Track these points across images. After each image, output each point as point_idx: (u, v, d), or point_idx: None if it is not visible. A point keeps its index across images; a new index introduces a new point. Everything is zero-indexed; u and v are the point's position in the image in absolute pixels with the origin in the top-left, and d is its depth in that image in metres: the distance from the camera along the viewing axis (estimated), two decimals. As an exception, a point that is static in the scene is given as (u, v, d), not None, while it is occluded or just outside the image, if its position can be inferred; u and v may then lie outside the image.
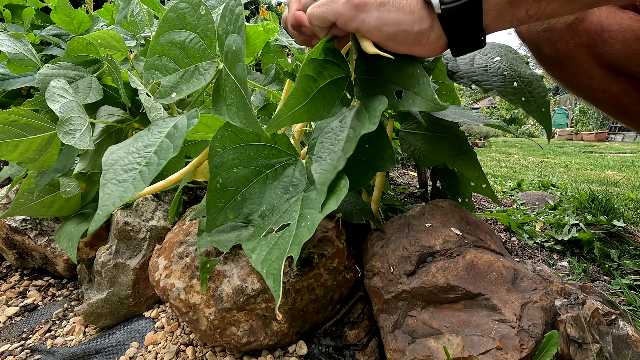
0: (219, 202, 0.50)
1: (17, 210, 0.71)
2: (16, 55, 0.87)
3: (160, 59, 0.55)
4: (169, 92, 0.54)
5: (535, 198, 1.31)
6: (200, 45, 0.53)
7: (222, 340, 0.53)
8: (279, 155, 0.53)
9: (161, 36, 0.54)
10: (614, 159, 3.69)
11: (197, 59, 0.54)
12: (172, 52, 0.54)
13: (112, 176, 0.43)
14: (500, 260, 0.50)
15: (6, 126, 0.59)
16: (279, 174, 0.52)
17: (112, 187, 0.42)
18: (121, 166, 0.45)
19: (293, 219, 0.42)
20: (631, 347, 0.46)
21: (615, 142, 7.48)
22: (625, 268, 0.77)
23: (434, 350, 0.45)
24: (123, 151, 0.47)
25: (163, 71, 0.55)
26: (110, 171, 0.44)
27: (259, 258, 0.40)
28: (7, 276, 0.85)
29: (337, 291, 0.57)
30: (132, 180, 0.43)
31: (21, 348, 0.62)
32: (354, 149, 0.41)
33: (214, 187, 0.49)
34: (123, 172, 0.44)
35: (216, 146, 0.49)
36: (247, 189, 0.51)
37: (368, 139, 0.45)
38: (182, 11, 0.53)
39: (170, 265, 0.55)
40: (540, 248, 0.89)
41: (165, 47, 0.54)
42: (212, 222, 0.50)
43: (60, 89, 0.60)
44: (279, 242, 0.40)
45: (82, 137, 0.58)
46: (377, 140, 0.49)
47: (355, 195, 0.61)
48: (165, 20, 0.54)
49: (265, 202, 0.51)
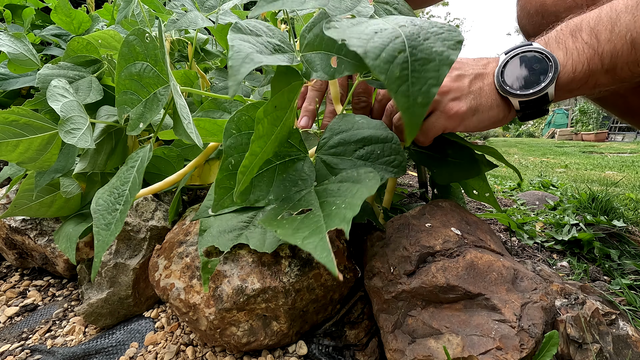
0: (228, 183, 0.50)
1: (17, 211, 0.71)
2: (17, 56, 0.87)
3: (126, 94, 0.57)
4: (137, 124, 0.57)
5: (535, 198, 1.31)
6: (153, 72, 0.54)
7: (222, 340, 0.53)
8: (290, 149, 0.54)
9: (121, 72, 0.56)
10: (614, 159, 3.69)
11: (153, 86, 0.55)
12: (133, 85, 0.56)
13: (100, 222, 0.48)
14: (500, 260, 0.50)
15: (6, 126, 0.59)
16: (288, 167, 0.53)
17: (103, 233, 0.48)
18: (106, 210, 0.49)
19: (313, 206, 0.42)
20: (631, 347, 0.46)
21: (615, 142, 7.48)
22: (625, 268, 0.77)
23: (434, 350, 0.45)
24: (107, 194, 0.51)
25: (130, 104, 0.58)
26: (99, 217, 0.49)
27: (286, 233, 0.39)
28: (7, 276, 0.85)
29: (337, 291, 0.57)
30: (115, 222, 0.48)
31: (21, 348, 0.62)
32: None
33: (226, 167, 0.49)
34: (108, 214, 0.49)
35: (232, 127, 0.49)
36: (256, 176, 0.52)
37: None
38: (131, 43, 0.55)
39: (170, 265, 0.55)
40: (540, 248, 0.89)
41: (127, 82, 0.57)
42: (219, 203, 0.51)
43: (61, 89, 0.60)
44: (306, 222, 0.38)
45: (83, 137, 0.58)
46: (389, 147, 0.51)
47: None
48: (120, 55, 0.56)
49: (273, 192, 0.52)
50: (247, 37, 0.40)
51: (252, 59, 0.35)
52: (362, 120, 0.53)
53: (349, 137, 0.52)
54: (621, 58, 0.44)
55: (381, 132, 0.51)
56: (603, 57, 0.45)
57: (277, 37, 0.44)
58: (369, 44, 0.31)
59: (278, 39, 0.44)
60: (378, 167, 0.49)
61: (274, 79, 0.40)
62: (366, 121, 0.53)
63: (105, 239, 0.47)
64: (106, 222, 0.48)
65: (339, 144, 0.52)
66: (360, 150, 0.51)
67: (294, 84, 0.42)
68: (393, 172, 0.49)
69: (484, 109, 0.51)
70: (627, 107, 0.72)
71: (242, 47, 0.36)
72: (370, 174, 0.42)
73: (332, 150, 0.53)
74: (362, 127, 0.52)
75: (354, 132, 0.52)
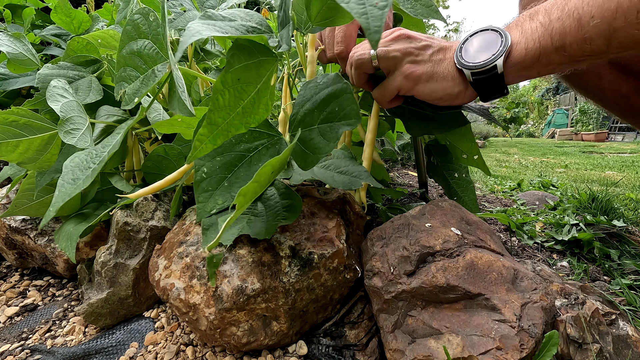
0: (206, 189, 0.51)
1: (17, 210, 0.71)
2: (16, 55, 0.86)
3: (125, 70, 0.59)
4: (132, 98, 0.58)
5: (535, 198, 1.31)
6: (153, 50, 0.56)
7: (222, 340, 0.53)
8: (260, 137, 0.54)
9: (123, 49, 0.58)
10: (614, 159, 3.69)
11: (152, 62, 0.56)
12: (133, 61, 0.58)
13: (68, 177, 0.49)
14: (500, 260, 0.50)
15: (6, 126, 0.59)
16: (262, 154, 0.54)
17: (67, 186, 0.48)
18: (78, 166, 0.50)
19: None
20: (631, 347, 0.46)
21: (615, 142, 7.48)
22: (625, 268, 0.77)
23: (434, 350, 0.45)
24: (84, 154, 0.52)
25: (128, 81, 0.59)
26: (68, 172, 0.50)
27: (224, 220, 0.41)
28: (7, 276, 0.85)
29: (337, 291, 0.57)
30: (85, 178, 0.48)
31: (21, 348, 0.62)
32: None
33: (200, 177, 0.51)
34: (79, 170, 0.50)
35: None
36: (232, 174, 0.53)
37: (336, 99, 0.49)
38: (136, 22, 0.57)
39: (170, 265, 0.55)
40: (540, 248, 0.89)
41: (127, 58, 0.58)
42: (202, 209, 0.52)
43: (60, 89, 0.60)
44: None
45: (82, 137, 0.58)
46: (344, 100, 0.50)
47: (350, 162, 0.59)
48: (124, 32, 0.57)
49: None
50: (213, 22, 0.41)
51: (200, 33, 0.37)
52: (321, 81, 0.52)
53: (313, 104, 0.51)
54: (569, 35, 0.46)
55: (336, 85, 0.50)
56: (553, 35, 0.47)
57: (254, 21, 0.45)
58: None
59: (255, 22, 0.45)
60: (336, 124, 0.49)
61: (230, 50, 0.41)
62: (326, 79, 0.52)
63: (68, 191, 0.47)
64: (74, 177, 0.49)
65: (306, 115, 0.51)
66: (323, 113, 0.50)
67: (261, 59, 0.42)
68: (350, 124, 0.48)
69: (438, 78, 0.55)
70: (629, 107, 0.72)
71: (196, 27, 0.38)
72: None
73: (301, 125, 0.52)
74: (322, 88, 0.51)
75: (316, 97, 0.51)
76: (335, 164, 0.59)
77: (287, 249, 0.54)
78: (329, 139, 0.48)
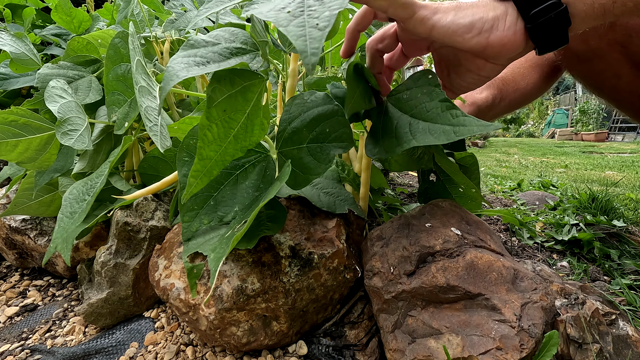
0: (192, 208, 0.51)
1: (17, 209, 0.71)
2: (18, 55, 0.87)
3: (113, 95, 0.60)
4: (123, 123, 0.59)
5: (535, 198, 1.31)
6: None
7: (222, 340, 0.53)
8: (248, 155, 0.53)
9: (109, 73, 0.59)
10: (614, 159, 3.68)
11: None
12: (119, 86, 0.59)
13: (67, 210, 0.49)
14: (500, 260, 0.50)
15: (5, 126, 0.59)
16: (249, 172, 0.53)
17: (65, 220, 0.49)
18: (75, 199, 0.51)
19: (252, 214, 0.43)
20: (631, 347, 0.46)
21: (615, 142, 7.48)
22: (625, 268, 0.77)
23: (434, 350, 0.45)
24: (81, 184, 0.53)
25: (117, 105, 0.60)
26: (67, 205, 0.50)
27: (216, 257, 0.41)
28: (7, 276, 0.85)
29: (337, 291, 0.57)
30: (80, 211, 0.49)
31: (21, 348, 0.62)
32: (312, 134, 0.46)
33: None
34: (76, 203, 0.50)
35: (183, 156, 0.50)
36: (219, 192, 0.52)
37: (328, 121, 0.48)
38: (116, 46, 0.57)
39: (170, 265, 0.55)
40: (540, 248, 0.89)
41: (113, 83, 0.59)
42: (188, 229, 0.51)
43: (59, 89, 0.60)
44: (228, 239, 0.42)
45: (80, 138, 0.58)
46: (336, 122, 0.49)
47: (337, 185, 0.61)
48: (107, 57, 0.58)
49: (238, 203, 0.51)
50: (195, 51, 0.40)
51: (178, 75, 0.36)
52: (309, 99, 0.51)
53: (301, 122, 0.50)
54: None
55: (327, 106, 0.49)
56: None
57: (239, 41, 0.44)
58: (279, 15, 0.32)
59: (240, 42, 0.44)
60: (327, 146, 0.48)
61: (210, 85, 0.39)
62: (314, 98, 0.50)
63: (66, 226, 0.48)
64: (72, 210, 0.49)
65: (294, 133, 0.50)
66: (313, 132, 0.49)
67: (245, 84, 0.41)
68: (342, 147, 0.48)
69: (465, 6, 0.41)
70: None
71: (175, 66, 0.37)
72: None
73: (288, 143, 0.51)
74: (311, 107, 0.50)
75: (305, 115, 0.50)
76: (323, 184, 0.60)
77: (287, 249, 0.54)
78: (320, 160, 0.47)
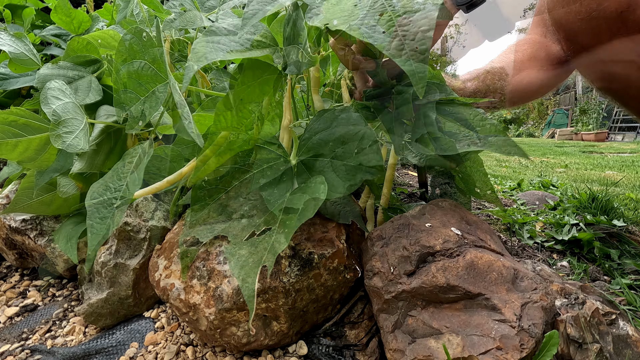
0: (203, 199, 0.51)
1: (17, 208, 0.71)
2: (18, 55, 0.87)
3: (125, 92, 0.58)
4: (137, 121, 0.57)
5: (535, 198, 1.31)
6: (151, 70, 0.55)
7: (222, 340, 0.53)
8: (267, 155, 0.53)
9: (119, 70, 0.57)
10: (614, 159, 3.68)
11: (151, 84, 0.55)
12: (132, 83, 0.57)
13: (95, 215, 0.48)
14: (500, 260, 0.50)
15: (5, 126, 0.59)
16: (265, 174, 0.52)
17: (97, 226, 0.47)
18: (102, 203, 0.50)
19: (275, 224, 0.42)
20: (631, 346, 0.46)
21: (615, 142, 7.48)
22: (625, 268, 0.77)
23: (434, 350, 0.45)
24: (102, 188, 0.51)
25: (129, 103, 0.58)
26: (94, 210, 0.49)
27: (237, 264, 0.41)
28: (7, 276, 0.85)
29: (337, 291, 0.57)
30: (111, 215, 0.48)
31: (21, 348, 0.62)
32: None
33: (200, 184, 0.50)
34: (103, 208, 0.49)
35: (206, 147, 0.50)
36: (232, 189, 0.52)
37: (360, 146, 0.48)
38: (129, 42, 0.55)
39: (170, 266, 0.55)
40: (540, 248, 0.89)
41: (125, 79, 0.57)
42: (195, 219, 0.51)
43: (56, 91, 0.60)
44: (258, 248, 0.41)
45: (75, 140, 0.58)
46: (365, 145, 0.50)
47: (347, 197, 0.61)
48: (118, 52, 0.56)
49: (249, 203, 0.51)
50: (219, 38, 0.40)
51: (206, 57, 0.37)
52: (341, 116, 0.51)
53: (328, 135, 0.51)
54: None
55: (358, 128, 0.50)
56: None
57: (259, 34, 0.44)
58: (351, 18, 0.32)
59: (260, 35, 0.44)
60: (353, 167, 0.49)
61: (234, 72, 0.41)
62: (346, 116, 0.51)
63: (100, 232, 0.47)
64: (101, 215, 0.48)
65: (318, 145, 0.51)
66: (339, 148, 0.50)
67: (265, 77, 0.42)
68: (370, 173, 0.48)
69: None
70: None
71: (200, 49, 0.38)
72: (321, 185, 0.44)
73: (311, 152, 0.51)
74: (340, 124, 0.51)
75: (332, 130, 0.51)
76: None
77: (287, 248, 0.54)
78: (343, 178, 0.47)
